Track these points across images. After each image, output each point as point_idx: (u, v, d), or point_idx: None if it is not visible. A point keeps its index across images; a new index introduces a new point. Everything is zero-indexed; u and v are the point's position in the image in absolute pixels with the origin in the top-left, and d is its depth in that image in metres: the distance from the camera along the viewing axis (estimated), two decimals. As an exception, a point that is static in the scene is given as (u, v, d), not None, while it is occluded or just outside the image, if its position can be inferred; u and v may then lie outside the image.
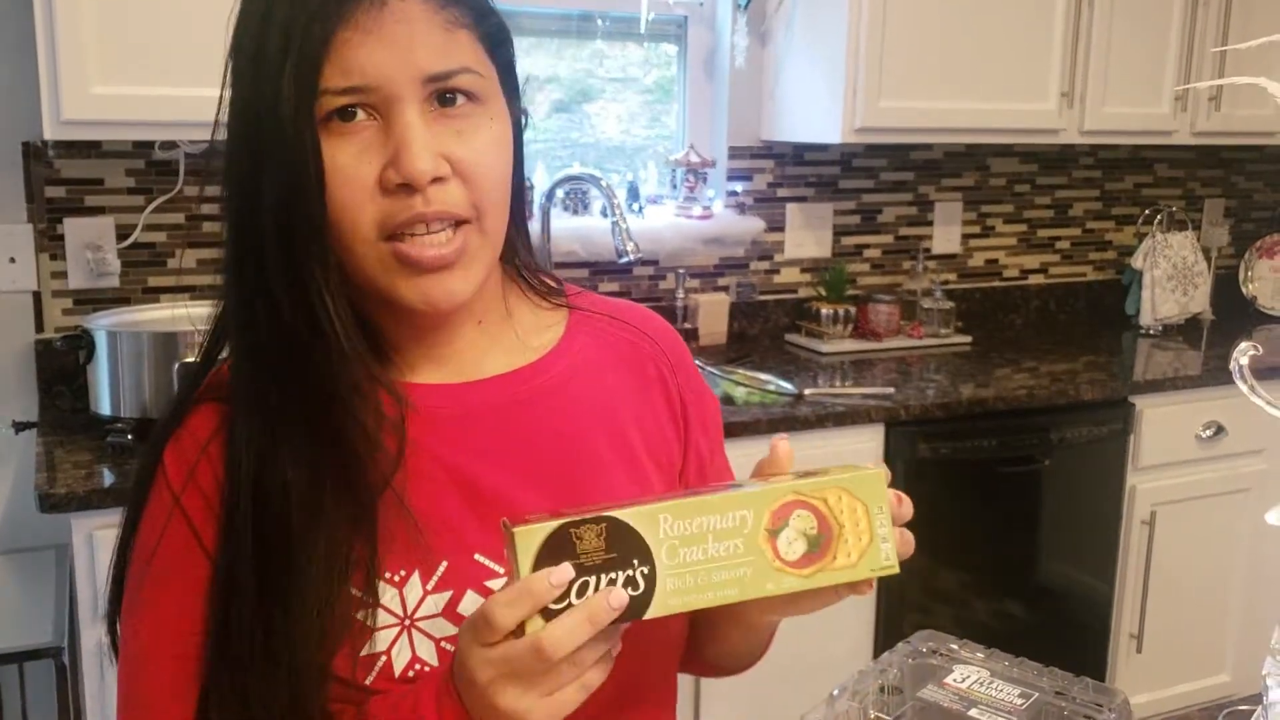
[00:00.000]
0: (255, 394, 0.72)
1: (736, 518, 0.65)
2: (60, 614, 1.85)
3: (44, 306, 2.08)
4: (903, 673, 0.88)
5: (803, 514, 0.66)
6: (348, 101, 0.67)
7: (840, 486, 0.68)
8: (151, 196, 2.11)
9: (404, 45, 0.67)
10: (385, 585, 0.73)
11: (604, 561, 0.62)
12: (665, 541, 0.63)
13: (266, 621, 0.70)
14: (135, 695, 0.75)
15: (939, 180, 2.90)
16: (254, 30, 0.68)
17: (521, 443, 0.79)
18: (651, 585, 0.63)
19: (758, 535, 0.66)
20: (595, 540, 0.62)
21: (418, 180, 0.68)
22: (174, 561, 0.74)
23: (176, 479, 0.74)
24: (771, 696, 2.11)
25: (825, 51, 2.43)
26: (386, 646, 0.73)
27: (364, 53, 0.66)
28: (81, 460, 1.76)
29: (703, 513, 0.65)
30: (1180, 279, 2.97)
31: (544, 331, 0.85)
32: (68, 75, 1.74)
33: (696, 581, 0.64)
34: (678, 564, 0.64)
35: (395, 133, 0.68)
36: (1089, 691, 0.84)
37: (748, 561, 0.65)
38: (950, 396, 2.26)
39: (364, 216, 0.69)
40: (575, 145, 2.61)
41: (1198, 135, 2.76)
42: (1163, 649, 2.55)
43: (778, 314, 2.75)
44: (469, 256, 0.72)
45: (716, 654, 0.89)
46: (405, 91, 0.68)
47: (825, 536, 0.67)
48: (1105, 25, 2.57)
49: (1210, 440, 2.52)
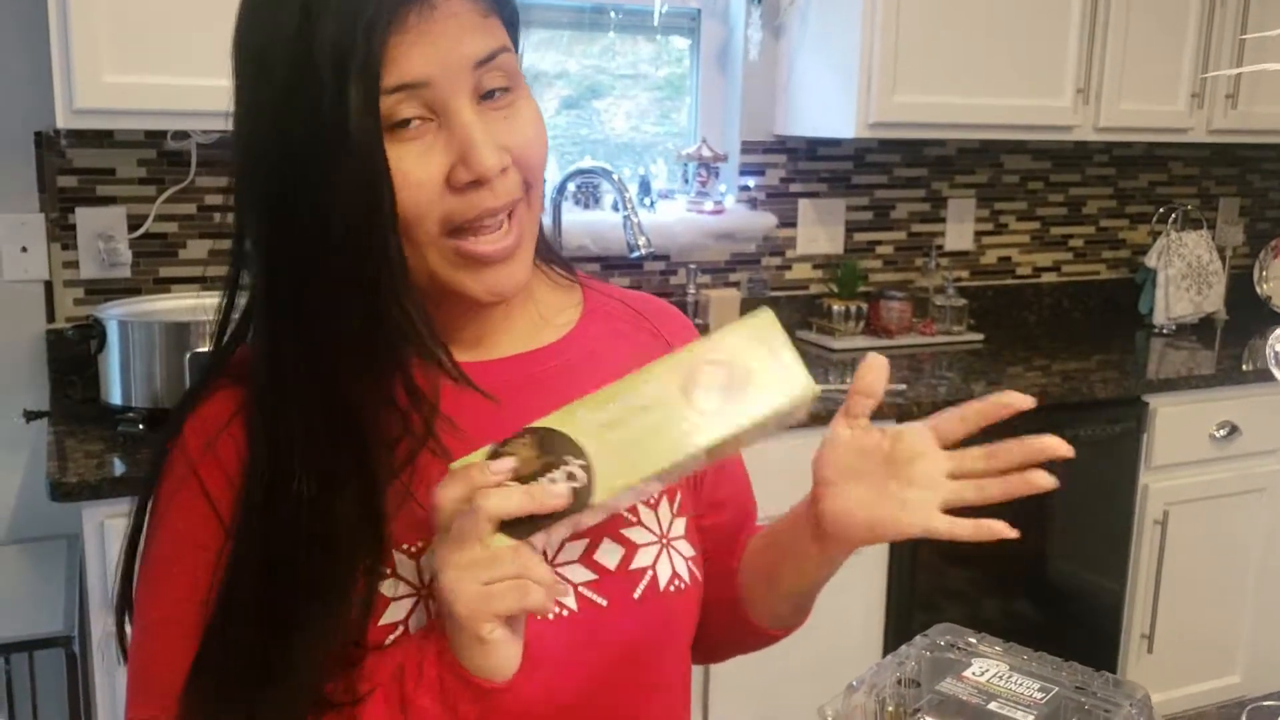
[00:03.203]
0: (289, 386, 0.72)
1: (650, 392, 0.69)
2: (70, 603, 1.85)
3: (55, 296, 2.08)
4: (920, 666, 0.87)
5: (709, 369, 0.70)
6: (402, 100, 0.67)
7: (733, 333, 0.71)
8: (163, 186, 2.11)
9: (453, 39, 0.68)
10: (403, 556, 0.74)
11: (542, 466, 0.67)
12: (589, 432, 0.68)
13: (274, 606, 0.71)
14: (147, 668, 0.76)
15: (952, 177, 2.89)
16: (289, 43, 0.66)
17: None
18: (590, 473, 0.67)
19: (674, 401, 0.69)
20: (527, 451, 0.67)
21: (489, 175, 0.69)
22: (189, 532, 0.74)
23: (195, 450, 0.74)
24: (779, 693, 2.11)
25: (839, 45, 2.41)
26: (404, 615, 0.73)
27: (417, 52, 0.67)
28: (93, 450, 1.76)
29: (616, 397, 0.69)
30: (1195, 278, 2.96)
31: (563, 311, 0.86)
32: (80, 64, 1.73)
33: (630, 457, 0.68)
34: (608, 447, 0.67)
35: (457, 132, 0.69)
36: (1109, 687, 0.83)
37: (675, 425, 0.69)
38: (962, 394, 2.25)
39: (432, 215, 0.69)
40: (585, 142, 2.60)
41: (1214, 133, 2.74)
42: (1174, 649, 2.54)
43: (789, 310, 2.74)
44: (525, 239, 0.74)
45: (766, 608, 0.88)
46: (458, 85, 0.69)
47: (737, 380, 0.70)
48: (1122, 21, 2.55)
49: (1224, 440, 2.50)
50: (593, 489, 0.67)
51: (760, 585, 0.88)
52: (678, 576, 0.81)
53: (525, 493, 0.66)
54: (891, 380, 2.29)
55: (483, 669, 0.67)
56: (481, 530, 0.65)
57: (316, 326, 0.70)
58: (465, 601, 0.65)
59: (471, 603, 0.65)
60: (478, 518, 0.65)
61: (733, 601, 0.90)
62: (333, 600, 0.71)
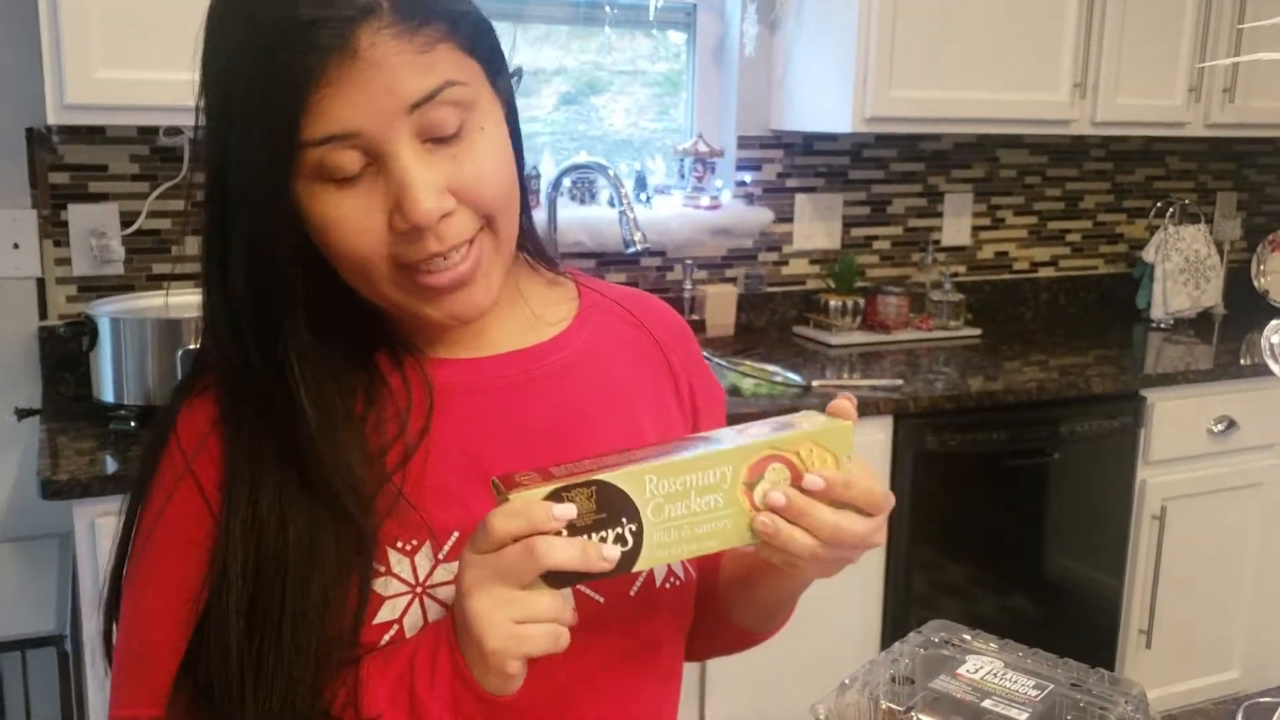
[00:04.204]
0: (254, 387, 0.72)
1: (716, 474, 0.69)
2: (63, 602, 1.84)
3: (48, 293, 2.07)
4: (914, 663, 0.86)
5: (777, 467, 0.70)
6: (335, 149, 0.66)
7: (811, 439, 0.72)
8: (156, 183, 2.10)
9: (381, 87, 0.65)
10: (398, 555, 0.73)
11: (594, 521, 0.66)
12: (651, 500, 0.68)
13: (276, 604, 0.70)
14: (137, 661, 0.75)
15: (949, 171, 2.88)
16: (220, 85, 0.67)
17: (533, 419, 0.79)
18: (639, 540, 0.67)
19: (736, 489, 0.70)
20: (586, 502, 0.66)
21: (425, 223, 0.67)
22: (181, 525, 0.73)
23: (189, 444, 0.74)
24: (776, 689, 2.10)
25: (836, 40, 2.40)
26: (399, 614, 0.73)
27: (340, 103, 0.65)
28: (84, 447, 1.75)
29: (685, 471, 0.69)
30: (1192, 272, 2.95)
31: (557, 307, 0.85)
32: (71, 59, 1.72)
33: (680, 535, 0.68)
34: (663, 520, 0.68)
35: (393, 179, 0.67)
36: (1105, 684, 0.82)
37: (728, 514, 0.69)
38: (959, 389, 2.24)
39: (379, 256, 0.69)
40: (583, 138, 2.59)
41: (1211, 127, 2.73)
42: (1172, 644, 2.53)
43: (786, 305, 2.73)
44: (485, 265, 0.72)
45: (746, 612, 0.88)
46: (392, 130, 0.66)
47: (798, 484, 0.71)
48: (1119, 15, 2.54)
49: (1222, 434, 2.49)
50: (638, 557, 0.67)
51: (740, 589, 0.88)
52: (673, 574, 0.81)
53: (580, 550, 0.65)
54: (888, 376, 2.28)
55: (497, 690, 0.67)
56: (529, 573, 0.65)
57: (275, 338, 0.71)
58: (498, 638, 0.65)
59: (503, 640, 0.65)
60: (531, 560, 0.64)
61: (714, 602, 0.89)
62: (321, 599, 0.70)
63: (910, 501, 2.19)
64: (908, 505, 2.18)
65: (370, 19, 0.64)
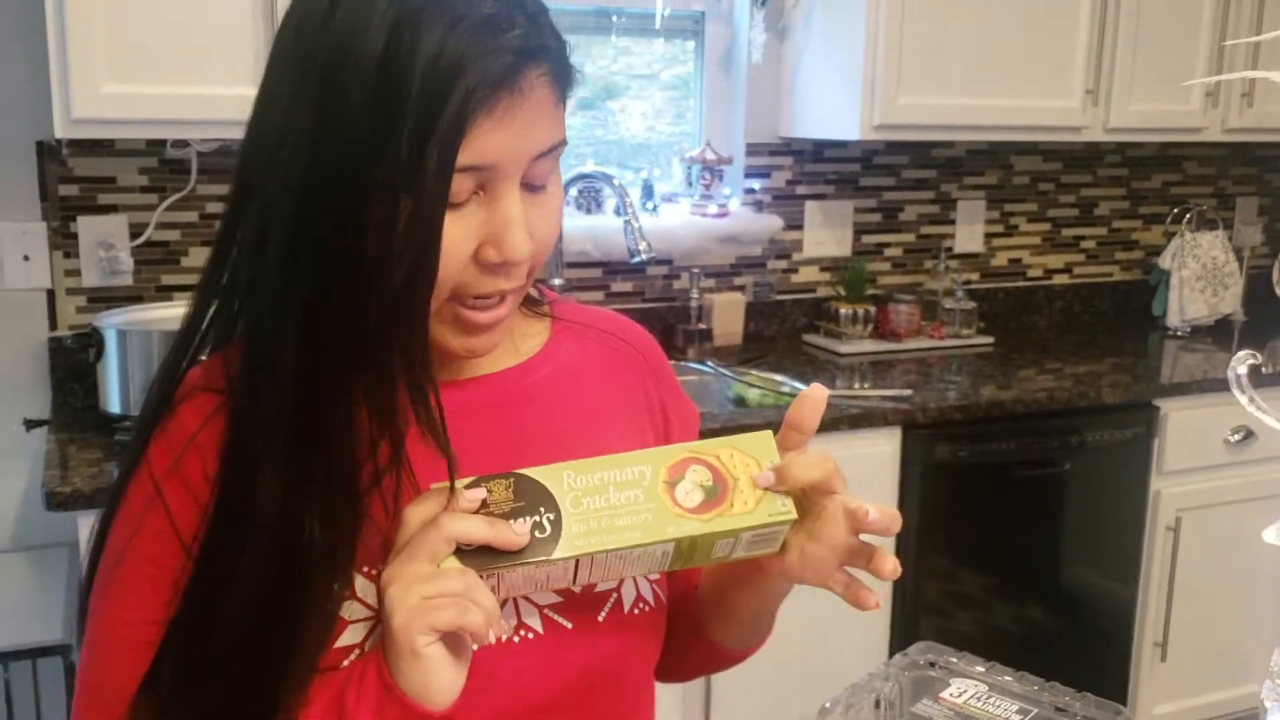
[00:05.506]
0: (276, 398, 0.70)
1: (635, 472, 0.71)
2: (70, 611, 1.85)
3: (58, 304, 2.09)
4: (899, 686, 0.85)
5: (697, 468, 0.73)
6: (464, 178, 0.66)
7: (731, 445, 0.74)
8: (164, 195, 2.11)
9: (528, 128, 0.67)
10: (363, 580, 0.73)
11: (512, 510, 0.69)
12: (569, 492, 0.70)
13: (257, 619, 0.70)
14: (97, 681, 0.75)
15: (961, 178, 2.86)
16: (377, 66, 0.63)
17: (507, 441, 0.79)
18: (558, 529, 0.69)
19: (656, 486, 0.71)
20: (504, 492, 0.69)
21: (518, 260, 0.69)
22: (148, 551, 0.73)
23: (160, 468, 0.74)
24: (782, 700, 2.09)
25: (844, 47, 2.39)
26: (361, 639, 0.73)
27: (495, 136, 0.66)
28: (92, 458, 1.76)
29: (603, 469, 0.71)
30: (1210, 279, 2.91)
31: (530, 336, 0.85)
32: (78, 74, 1.74)
33: (600, 525, 0.70)
34: (581, 511, 0.70)
35: (500, 212, 0.68)
36: (1090, 707, 0.81)
37: (648, 508, 0.71)
38: (969, 398, 2.22)
39: (449, 283, 0.69)
40: (600, 143, 2.59)
41: (1229, 132, 2.70)
42: (1188, 658, 2.50)
43: (795, 314, 2.72)
44: (511, 309, 0.75)
45: (725, 630, 0.88)
46: (514, 171, 0.68)
47: (720, 487, 0.72)
48: (1132, 19, 2.51)
49: (1239, 445, 2.46)
50: (555, 545, 0.68)
51: (717, 607, 0.87)
52: (642, 599, 0.81)
53: (486, 523, 0.67)
54: (898, 386, 2.26)
55: (418, 689, 0.66)
56: (437, 548, 0.66)
57: (321, 349, 0.68)
58: (403, 613, 0.65)
59: (408, 613, 0.65)
60: (436, 535, 0.66)
61: (693, 621, 0.89)
62: (299, 616, 0.70)
63: (919, 511, 2.16)
64: (916, 515, 2.16)
65: (537, 62, 0.67)
